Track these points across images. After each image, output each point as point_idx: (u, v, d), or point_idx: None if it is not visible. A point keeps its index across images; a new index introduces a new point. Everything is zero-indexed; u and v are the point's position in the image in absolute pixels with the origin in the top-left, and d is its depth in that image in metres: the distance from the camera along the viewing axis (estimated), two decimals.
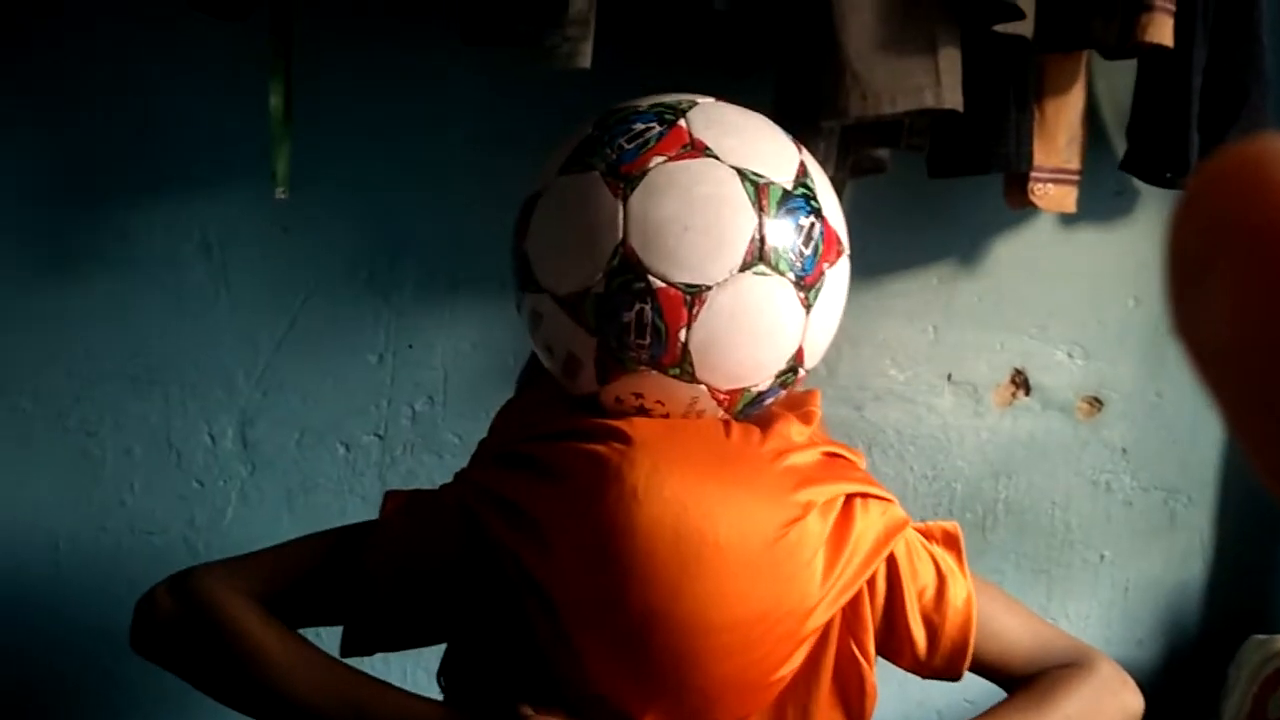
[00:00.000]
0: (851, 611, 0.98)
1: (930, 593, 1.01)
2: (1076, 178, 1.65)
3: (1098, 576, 1.97)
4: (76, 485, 1.71)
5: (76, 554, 1.73)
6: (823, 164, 1.15)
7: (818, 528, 0.92)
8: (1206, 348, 0.22)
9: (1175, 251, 0.23)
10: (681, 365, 0.93)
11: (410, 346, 1.76)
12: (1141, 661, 1.94)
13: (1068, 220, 1.84)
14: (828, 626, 0.97)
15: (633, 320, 0.91)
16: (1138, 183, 1.79)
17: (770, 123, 1.02)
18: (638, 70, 1.56)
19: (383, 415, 1.78)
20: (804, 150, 1.02)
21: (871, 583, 0.98)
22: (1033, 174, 1.60)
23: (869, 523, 0.96)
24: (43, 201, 1.66)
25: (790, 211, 0.95)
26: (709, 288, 0.91)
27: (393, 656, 1.32)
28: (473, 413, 1.77)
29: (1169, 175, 1.65)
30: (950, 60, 1.35)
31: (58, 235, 1.68)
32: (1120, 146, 1.78)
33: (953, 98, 1.35)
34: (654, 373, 0.94)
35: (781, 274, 0.94)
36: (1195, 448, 1.96)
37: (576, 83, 1.43)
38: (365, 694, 0.98)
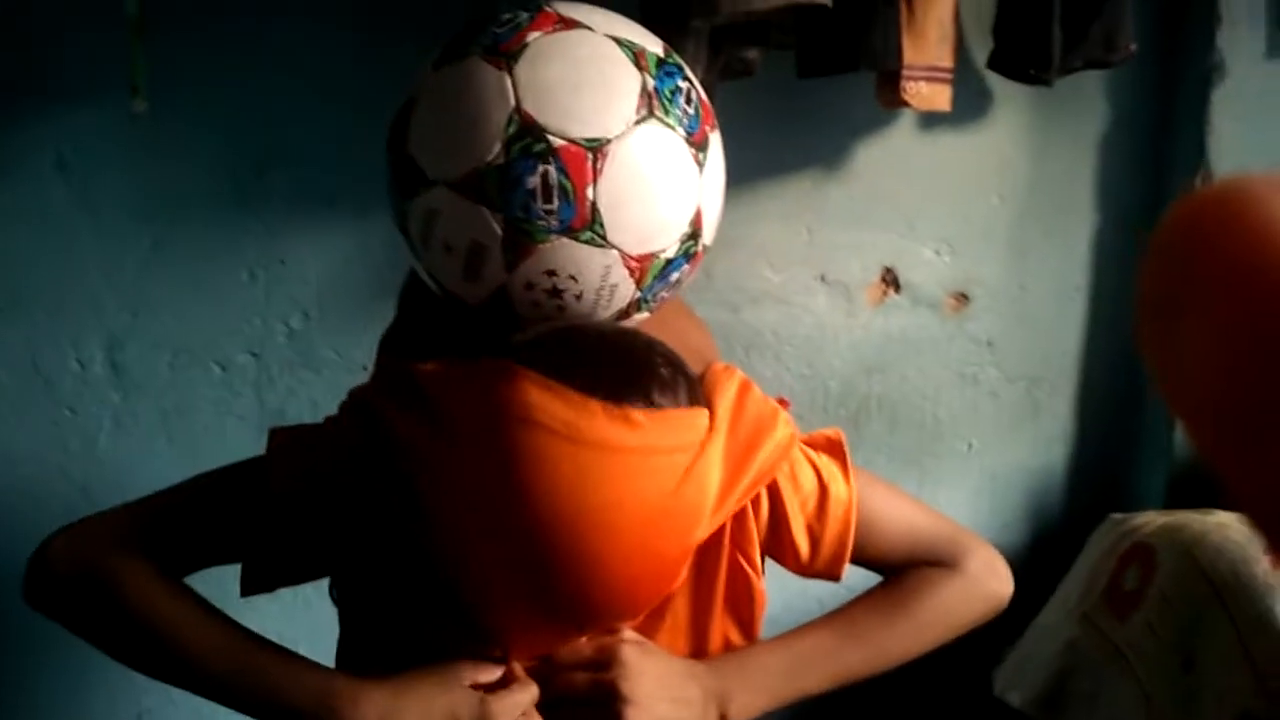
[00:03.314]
0: (738, 526, 1.01)
1: (812, 503, 1.04)
2: (949, 76, 1.68)
3: (966, 465, 2.06)
4: None
5: None
6: (692, 66, 1.15)
7: (716, 452, 0.94)
8: (1182, 387, 0.23)
9: (1147, 294, 0.23)
10: (592, 227, 0.92)
11: (283, 262, 1.72)
12: (1008, 544, 2.04)
13: (933, 121, 1.88)
14: (717, 543, 1.00)
15: (538, 184, 0.90)
16: (999, 83, 1.83)
17: (628, 19, 1.03)
18: None
19: (257, 333, 1.75)
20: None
21: (755, 499, 1.01)
22: (904, 72, 1.62)
23: (762, 455, 0.98)
24: None
25: (668, 74, 0.97)
26: (609, 140, 0.91)
27: None
28: (350, 328, 1.75)
29: (1033, 72, 1.69)
30: None
31: None
32: (978, 48, 1.81)
33: None
34: (565, 240, 0.92)
35: (672, 128, 0.94)
36: (1057, 339, 2.04)
37: None
38: (262, 660, 0.97)
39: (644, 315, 1.02)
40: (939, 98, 1.69)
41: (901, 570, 1.11)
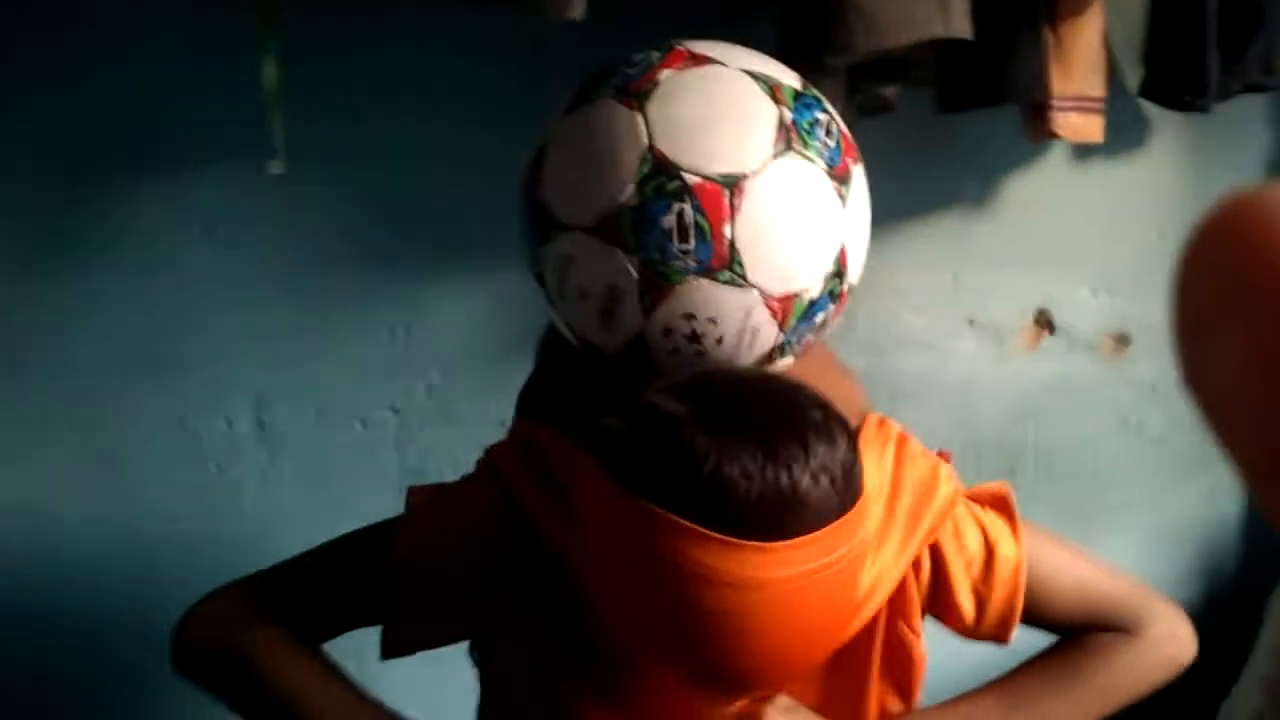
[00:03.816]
0: (898, 590, 0.96)
1: (978, 565, 0.98)
2: (1100, 105, 1.60)
3: (1131, 517, 1.95)
4: (91, 477, 1.70)
5: (94, 546, 1.71)
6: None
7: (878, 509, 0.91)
8: (1218, 400, 0.22)
9: (1182, 306, 0.23)
10: (731, 267, 0.88)
11: (422, 317, 1.73)
12: (1182, 600, 1.90)
13: (1085, 153, 1.80)
14: (875, 611, 0.95)
15: (674, 224, 0.86)
16: (1153, 111, 1.75)
17: (763, 54, 0.99)
18: (634, 20, 1.52)
19: (397, 390, 1.75)
20: None
21: (917, 562, 0.96)
22: (1053, 102, 1.54)
23: (926, 520, 0.95)
24: (36, 195, 1.64)
25: (806, 106, 0.93)
26: (745, 176, 0.87)
27: None
28: (488, 383, 1.74)
29: (1188, 99, 1.61)
30: None
31: (55, 228, 1.65)
32: (1129, 77, 1.73)
33: (961, 25, 1.31)
34: (703, 281, 0.88)
35: (812, 161, 0.90)
36: None
37: (576, 40, 1.40)
38: None
39: (788, 361, 0.97)
40: (1090, 128, 1.60)
41: (1075, 632, 1.03)
